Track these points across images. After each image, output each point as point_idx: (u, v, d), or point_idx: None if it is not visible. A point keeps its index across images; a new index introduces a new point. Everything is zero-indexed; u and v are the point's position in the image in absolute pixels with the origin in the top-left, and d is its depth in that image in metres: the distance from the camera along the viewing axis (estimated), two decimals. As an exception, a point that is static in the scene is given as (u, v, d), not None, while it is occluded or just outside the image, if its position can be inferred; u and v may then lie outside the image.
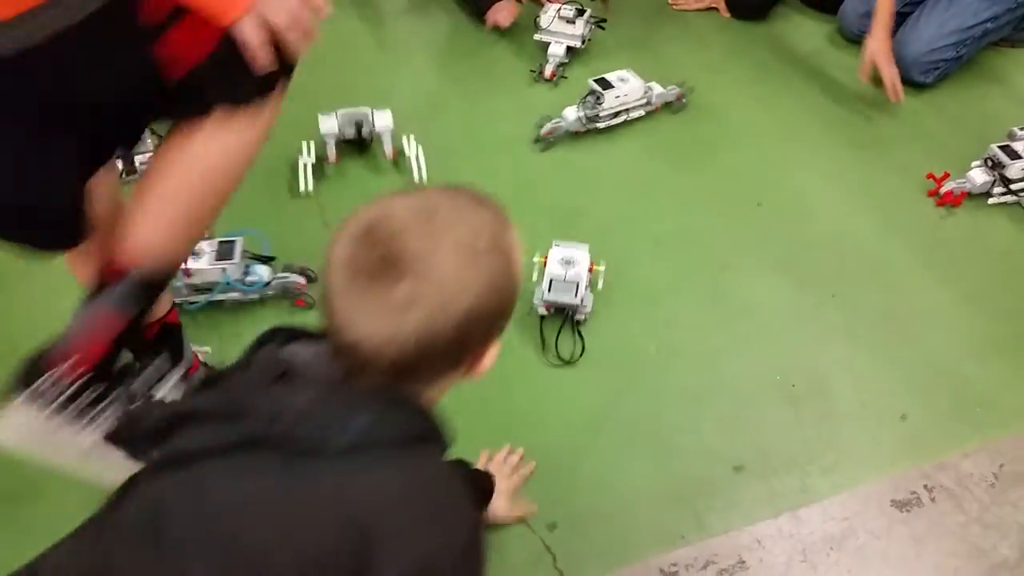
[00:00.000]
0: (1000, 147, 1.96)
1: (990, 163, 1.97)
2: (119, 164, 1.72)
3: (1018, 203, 1.97)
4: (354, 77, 2.27)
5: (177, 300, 1.60)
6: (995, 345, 1.70)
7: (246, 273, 1.66)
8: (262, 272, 1.67)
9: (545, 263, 1.68)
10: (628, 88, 2.07)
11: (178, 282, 1.62)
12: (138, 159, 1.87)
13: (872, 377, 1.63)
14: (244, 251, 1.67)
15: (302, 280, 1.69)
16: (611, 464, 1.49)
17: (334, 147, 1.98)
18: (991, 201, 1.98)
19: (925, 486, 1.47)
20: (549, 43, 2.31)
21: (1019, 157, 1.94)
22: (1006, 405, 1.60)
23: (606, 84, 2.07)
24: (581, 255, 1.70)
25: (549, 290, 1.65)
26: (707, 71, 2.37)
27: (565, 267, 1.67)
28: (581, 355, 1.64)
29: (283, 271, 1.69)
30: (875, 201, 2.00)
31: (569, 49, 2.32)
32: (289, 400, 0.73)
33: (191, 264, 1.61)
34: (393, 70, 2.35)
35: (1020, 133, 1.99)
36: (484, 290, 0.72)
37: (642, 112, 2.16)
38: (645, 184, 2.02)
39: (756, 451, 1.51)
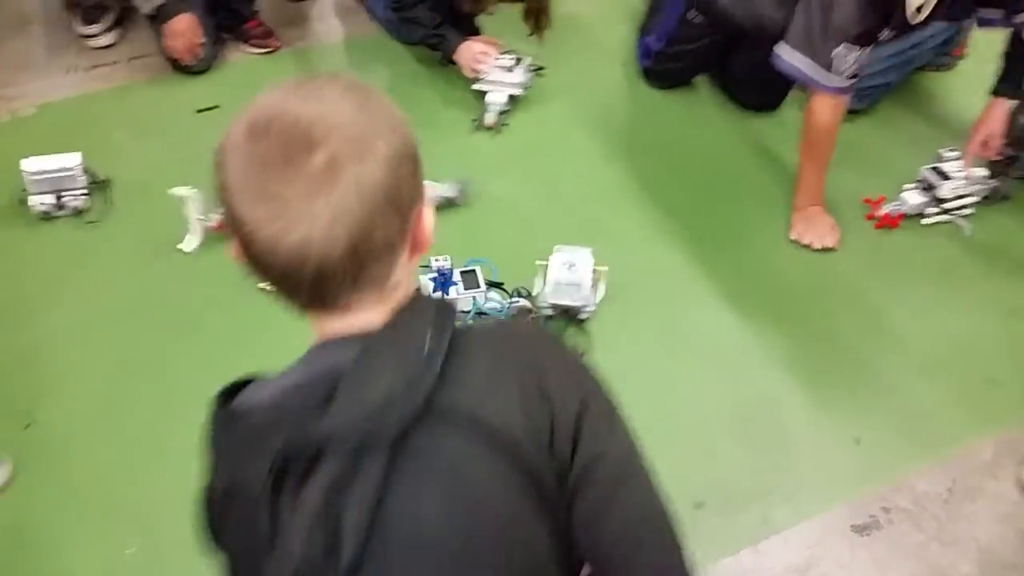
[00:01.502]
0: (930, 169, 2.02)
1: (923, 185, 2.02)
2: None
3: (951, 222, 2.02)
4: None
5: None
6: (940, 362, 1.73)
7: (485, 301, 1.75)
8: (498, 298, 1.74)
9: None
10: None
11: None
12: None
13: (823, 402, 1.66)
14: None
15: (528, 303, 1.77)
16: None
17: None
18: (925, 221, 2.03)
19: (883, 508, 1.49)
20: (487, 92, 2.33)
21: (948, 178, 1.99)
22: (954, 421, 1.63)
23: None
24: (584, 257, 1.77)
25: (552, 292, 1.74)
26: (648, 109, 2.42)
27: (568, 270, 1.75)
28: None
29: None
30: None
31: (511, 97, 2.35)
32: (363, 394, 0.66)
33: (448, 295, 1.70)
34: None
35: (948, 155, 2.05)
36: (388, 129, 0.67)
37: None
38: (588, 222, 2.03)
39: (715, 486, 1.52)
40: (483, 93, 2.34)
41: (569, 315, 1.76)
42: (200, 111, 2.32)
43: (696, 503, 1.49)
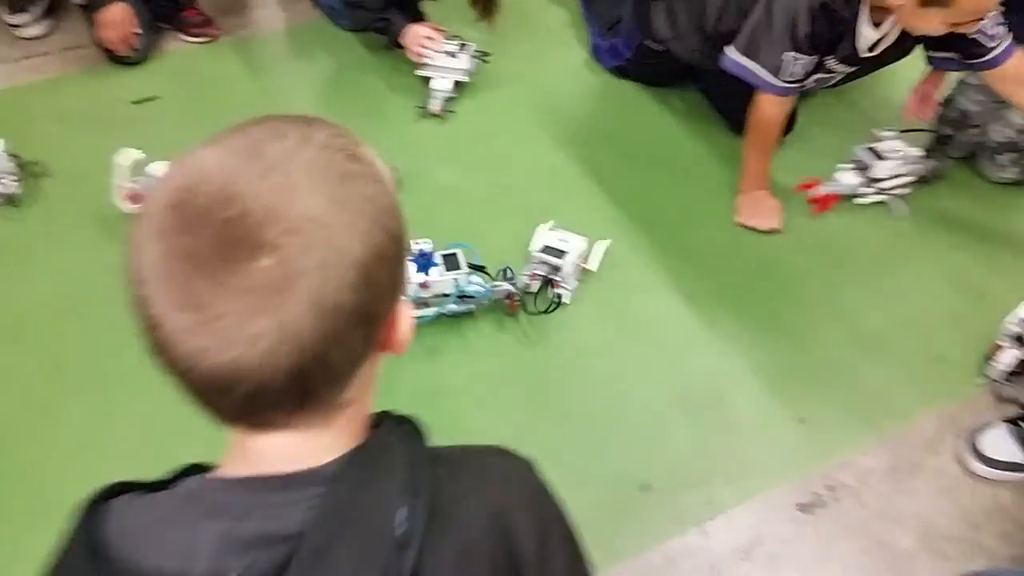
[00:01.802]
0: (865, 149, 2.04)
1: (858, 165, 2.04)
2: None
3: (885, 202, 2.04)
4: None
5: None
6: (883, 341, 1.75)
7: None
8: (480, 281, 1.71)
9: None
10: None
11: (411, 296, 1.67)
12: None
13: (768, 383, 1.66)
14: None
15: (512, 288, 1.74)
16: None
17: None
18: (858, 201, 2.04)
19: (827, 486, 1.50)
20: (431, 78, 2.30)
21: (883, 158, 2.01)
22: (897, 398, 1.64)
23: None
24: (576, 243, 1.79)
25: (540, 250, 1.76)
26: (596, 96, 2.41)
27: (558, 241, 1.78)
28: (558, 306, 1.76)
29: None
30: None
31: (457, 83, 2.32)
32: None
33: (428, 276, 1.67)
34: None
35: (884, 135, 2.07)
36: (369, 222, 0.54)
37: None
38: (536, 210, 2.02)
39: (661, 468, 1.52)
40: (428, 80, 2.31)
41: (551, 283, 1.77)
42: (136, 103, 2.26)
43: (643, 485, 1.49)
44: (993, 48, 1.78)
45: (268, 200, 0.51)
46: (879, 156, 2.01)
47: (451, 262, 1.72)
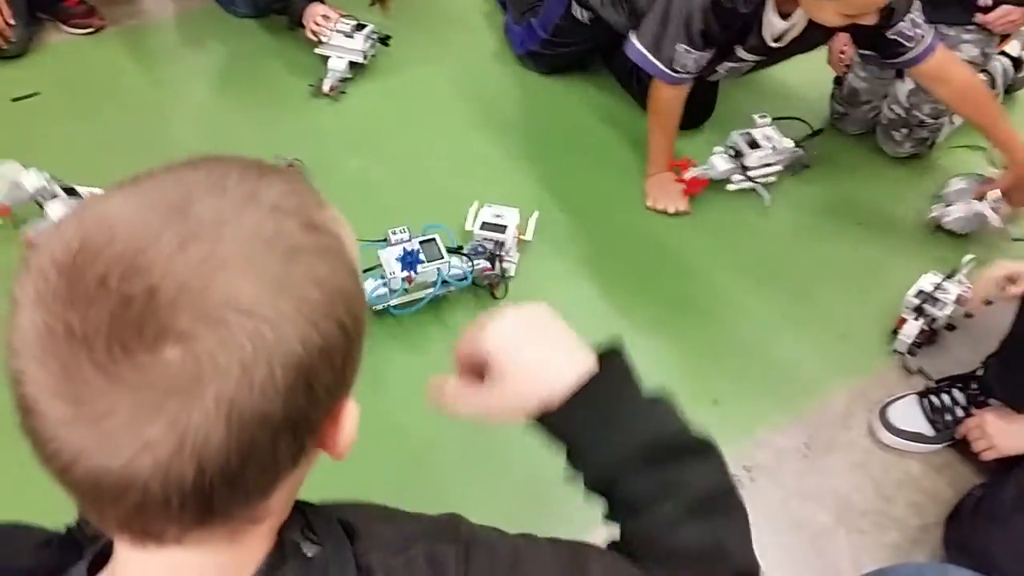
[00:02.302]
0: (741, 134, 2.04)
1: (732, 151, 2.04)
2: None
3: (753, 189, 2.04)
4: (128, 120, 2.12)
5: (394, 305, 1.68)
6: (790, 320, 1.77)
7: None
8: (459, 263, 1.69)
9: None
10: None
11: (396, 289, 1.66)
12: None
13: (682, 367, 1.67)
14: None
15: (489, 264, 1.73)
16: (444, 491, 1.44)
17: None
18: (729, 187, 2.03)
19: (744, 467, 1.51)
20: (329, 57, 2.25)
21: (758, 146, 2.02)
22: (807, 376, 1.67)
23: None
24: (511, 216, 1.79)
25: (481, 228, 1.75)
26: (509, 82, 2.38)
27: (494, 217, 1.78)
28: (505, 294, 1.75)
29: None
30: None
31: (353, 64, 2.27)
32: None
33: (415, 273, 1.64)
34: (169, 108, 2.21)
35: (760, 120, 2.07)
36: (317, 312, 0.44)
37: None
38: (445, 198, 1.98)
39: (582, 459, 1.50)
40: (327, 59, 2.26)
41: (495, 258, 1.74)
42: (16, 99, 2.12)
43: (566, 478, 1.47)
44: (912, 48, 1.81)
45: (185, 277, 0.41)
46: (753, 144, 2.02)
47: (431, 250, 1.69)
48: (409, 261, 1.65)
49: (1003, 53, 2.30)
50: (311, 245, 0.45)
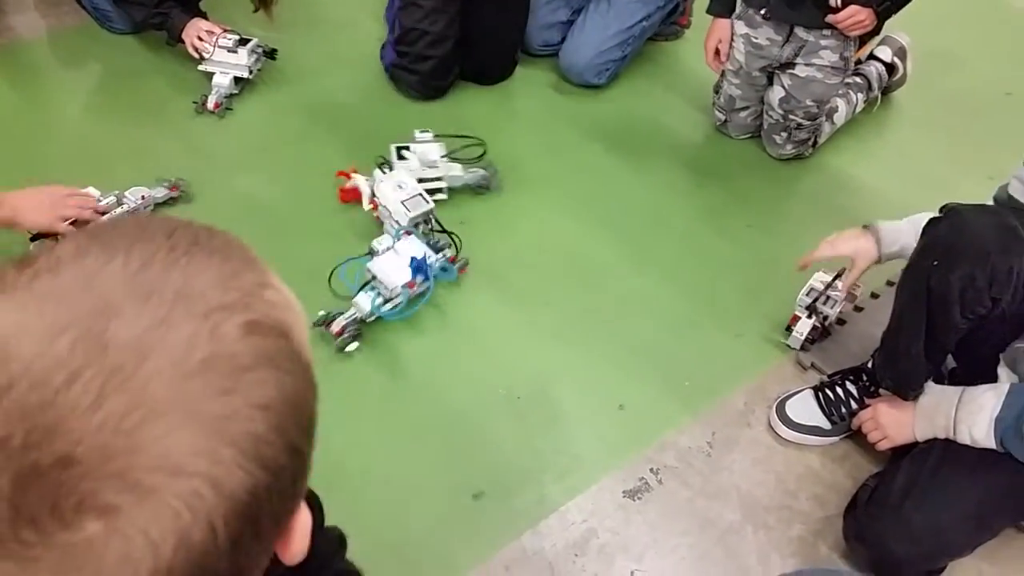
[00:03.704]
0: (398, 147, 2.01)
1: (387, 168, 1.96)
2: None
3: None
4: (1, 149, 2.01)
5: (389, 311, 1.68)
6: (686, 321, 1.80)
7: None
8: (437, 257, 1.78)
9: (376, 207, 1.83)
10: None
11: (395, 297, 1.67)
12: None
13: (588, 374, 1.67)
14: None
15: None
16: (346, 519, 1.39)
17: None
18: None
19: (651, 469, 1.52)
20: (214, 73, 2.18)
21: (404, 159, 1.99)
22: (707, 374, 1.69)
23: None
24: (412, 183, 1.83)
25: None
26: (392, 98, 2.35)
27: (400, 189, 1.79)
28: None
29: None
30: (583, 204, 2.06)
31: (238, 80, 2.21)
32: None
33: (417, 280, 1.67)
34: (44, 130, 2.09)
35: (420, 136, 2.05)
36: (263, 445, 0.38)
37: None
38: (334, 215, 1.93)
39: (492, 473, 1.49)
40: (211, 75, 2.19)
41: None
42: None
43: (475, 493, 1.45)
44: None
45: (106, 439, 0.34)
46: (402, 157, 1.99)
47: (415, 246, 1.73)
48: (423, 268, 1.68)
49: (873, 57, 2.41)
50: (254, 357, 0.39)
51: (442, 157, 2.01)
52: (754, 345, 1.76)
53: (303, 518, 0.44)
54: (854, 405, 1.56)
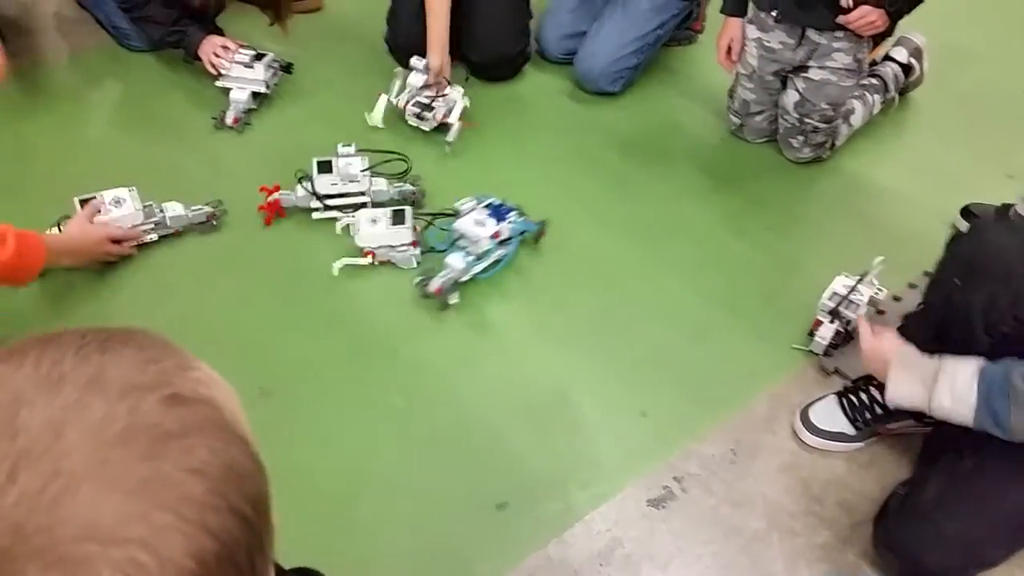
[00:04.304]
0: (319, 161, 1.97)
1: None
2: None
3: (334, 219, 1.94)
4: (29, 164, 2.03)
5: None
6: (707, 327, 1.79)
7: None
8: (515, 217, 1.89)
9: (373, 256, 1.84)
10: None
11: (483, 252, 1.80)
12: None
13: (607, 381, 1.67)
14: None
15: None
16: (371, 531, 1.41)
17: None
18: (315, 216, 1.96)
19: (675, 478, 1.52)
20: (231, 89, 2.20)
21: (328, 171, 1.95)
22: (728, 380, 1.69)
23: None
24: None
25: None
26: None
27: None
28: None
29: None
30: (583, 205, 2.06)
31: (256, 94, 2.23)
32: None
33: (499, 225, 1.81)
34: (69, 150, 2.12)
35: (342, 149, 1.99)
36: (204, 508, 0.36)
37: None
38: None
39: (515, 483, 1.49)
40: (229, 91, 2.21)
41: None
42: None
43: (499, 504, 1.45)
44: None
45: (22, 517, 0.33)
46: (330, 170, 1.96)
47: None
48: (501, 212, 1.83)
49: (889, 58, 2.40)
50: (181, 426, 0.37)
51: (363, 171, 1.96)
52: (776, 350, 1.75)
53: None
54: (879, 410, 1.55)
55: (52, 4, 2.47)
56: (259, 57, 2.23)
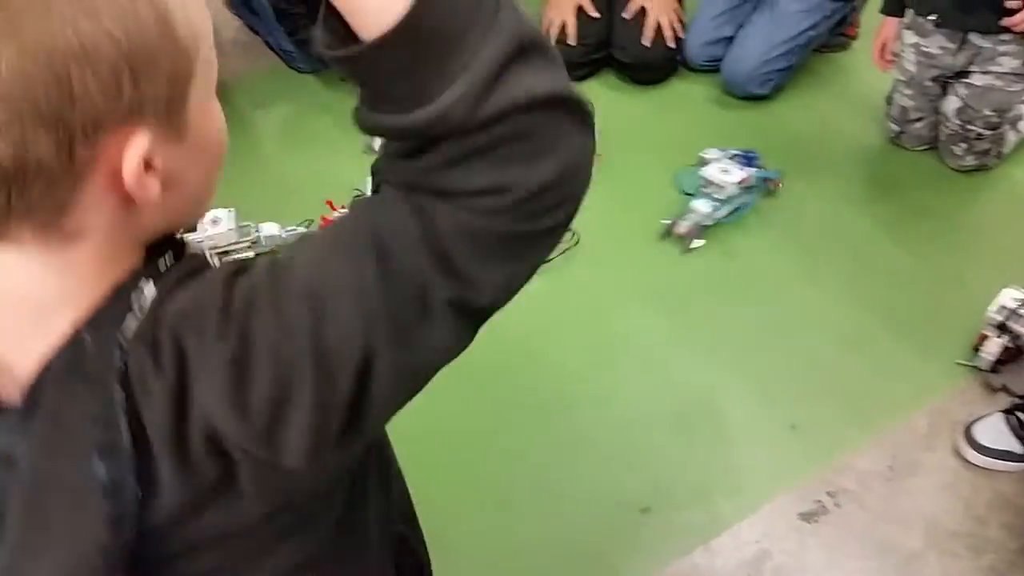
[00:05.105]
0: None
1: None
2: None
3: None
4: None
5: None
6: (864, 338, 1.74)
7: None
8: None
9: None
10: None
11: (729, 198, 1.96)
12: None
13: (756, 391, 1.65)
14: None
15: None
16: (516, 526, 1.45)
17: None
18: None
19: (828, 492, 1.49)
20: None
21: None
22: (886, 395, 1.63)
23: None
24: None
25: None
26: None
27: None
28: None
29: None
30: (752, 216, 2.03)
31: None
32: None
33: (743, 173, 1.97)
34: (242, 163, 2.28)
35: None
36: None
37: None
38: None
39: (659, 488, 1.50)
40: None
41: None
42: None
43: (642, 508, 1.47)
44: None
45: None
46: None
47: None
48: (749, 158, 2.00)
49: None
50: None
51: None
52: (937, 364, 1.68)
53: (137, 145, 0.47)
54: (1050, 430, 1.47)
55: (231, 31, 2.66)
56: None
